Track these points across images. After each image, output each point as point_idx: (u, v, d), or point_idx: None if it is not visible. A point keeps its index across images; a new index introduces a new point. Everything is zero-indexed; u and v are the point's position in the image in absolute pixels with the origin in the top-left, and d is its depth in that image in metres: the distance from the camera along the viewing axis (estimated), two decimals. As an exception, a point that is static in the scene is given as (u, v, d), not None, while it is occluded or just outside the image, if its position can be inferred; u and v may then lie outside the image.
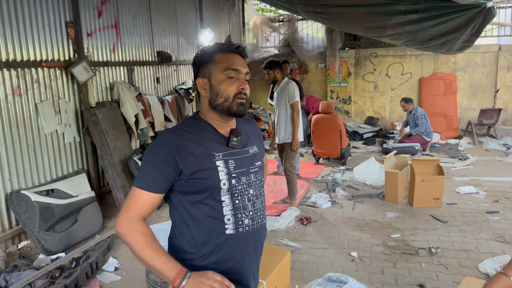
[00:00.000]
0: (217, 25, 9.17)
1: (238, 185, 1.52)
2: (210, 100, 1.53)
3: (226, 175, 1.49)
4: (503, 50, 8.91)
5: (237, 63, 1.52)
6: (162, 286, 2.87)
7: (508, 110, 9.08)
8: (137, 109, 5.69)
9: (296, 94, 4.87)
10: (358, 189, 5.82)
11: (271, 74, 5.05)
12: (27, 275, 3.51)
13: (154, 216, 5.07)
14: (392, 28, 4.50)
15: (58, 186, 4.57)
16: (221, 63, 1.51)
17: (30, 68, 4.37)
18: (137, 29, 6.30)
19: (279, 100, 4.99)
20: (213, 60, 1.53)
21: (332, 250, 4.03)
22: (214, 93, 1.52)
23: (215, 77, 1.51)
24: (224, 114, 1.54)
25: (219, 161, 1.49)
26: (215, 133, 1.55)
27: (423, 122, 7.75)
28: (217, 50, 1.54)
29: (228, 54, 1.54)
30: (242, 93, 1.52)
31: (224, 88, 1.50)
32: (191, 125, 1.55)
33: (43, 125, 4.52)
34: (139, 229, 1.42)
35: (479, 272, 3.51)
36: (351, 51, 9.84)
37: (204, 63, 1.55)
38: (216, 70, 1.52)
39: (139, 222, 1.43)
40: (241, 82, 1.52)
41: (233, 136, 1.55)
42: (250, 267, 1.59)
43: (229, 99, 1.51)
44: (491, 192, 5.52)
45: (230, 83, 1.50)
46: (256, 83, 10.75)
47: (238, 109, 1.53)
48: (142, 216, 1.45)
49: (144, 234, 1.41)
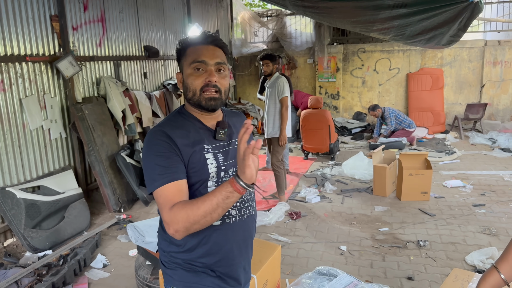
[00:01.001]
0: (205, 19, 9.10)
1: (225, 177, 1.50)
2: (184, 94, 1.54)
3: (215, 167, 1.47)
4: (489, 45, 9.02)
5: (204, 54, 1.48)
6: (151, 282, 2.84)
7: (493, 105, 9.20)
8: (124, 105, 5.63)
9: (286, 89, 4.86)
10: (347, 184, 5.85)
11: (270, 67, 5.00)
12: (14, 273, 3.46)
13: (143, 212, 5.03)
14: (380, 23, 4.50)
15: (44, 183, 4.49)
16: (189, 56, 1.50)
17: (14, 62, 4.28)
18: (123, 23, 6.22)
19: (269, 95, 4.98)
20: (185, 54, 1.52)
21: (321, 244, 4.04)
22: (185, 87, 1.52)
23: (185, 71, 1.51)
24: (198, 108, 1.52)
25: (209, 153, 1.47)
26: (201, 126, 1.53)
27: (391, 120, 7.95)
28: (188, 44, 1.52)
29: (198, 47, 1.50)
30: (210, 85, 1.46)
31: (190, 81, 1.48)
32: (177, 119, 1.53)
33: (28, 121, 4.44)
34: (178, 207, 1.32)
35: (466, 264, 3.55)
36: (339, 47, 9.86)
37: (179, 58, 1.55)
38: (185, 64, 1.51)
39: (175, 205, 1.33)
40: (208, 74, 1.47)
41: (219, 128, 1.52)
42: (239, 259, 1.57)
43: (196, 93, 1.48)
44: (477, 185, 5.60)
45: (196, 76, 1.47)
46: (244, 78, 10.72)
47: (207, 104, 1.48)
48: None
49: (184, 204, 1.32)
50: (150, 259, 2.95)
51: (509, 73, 8.96)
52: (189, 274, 1.51)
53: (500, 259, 1.35)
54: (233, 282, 1.57)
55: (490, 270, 1.35)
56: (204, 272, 1.51)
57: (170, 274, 1.55)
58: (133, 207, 5.21)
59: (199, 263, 1.50)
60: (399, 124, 8.01)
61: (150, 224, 3.13)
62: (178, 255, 1.52)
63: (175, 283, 1.54)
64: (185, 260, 1.51)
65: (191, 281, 1.51)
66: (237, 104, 10.00)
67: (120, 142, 5.63)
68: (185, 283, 1.52)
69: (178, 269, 1.52)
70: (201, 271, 1.51)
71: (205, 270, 1.51)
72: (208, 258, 1.50)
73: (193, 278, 1.51)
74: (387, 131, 8.04)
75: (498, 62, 8.97)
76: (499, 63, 8.97)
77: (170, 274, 1.55)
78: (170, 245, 1.54)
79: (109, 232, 4.49)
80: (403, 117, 8.02)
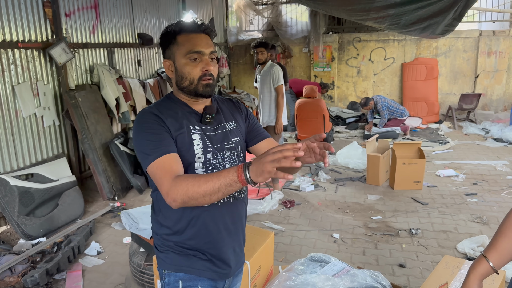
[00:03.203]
0: (199, 7, 9.02)
1: (213, 159, 1.51)
2: (177, 82, 1.54)
3: (201, 149, 1.48)
4: (483, 35, 9.02)
5: (200, 44, 1.49)
6: (145, 268, 2.86)
7: (487, 95, 9.24)
8: (118, 92, 5.59)
9: (280, 77, 4.86)
10: (341, 173, 5.88)
11: (265, 55, 4.96)
12: (7, 260, 3.46)
13: (137, 200, 5.04)
14: (375, 11, 4.48)
15: (37, 170, 4.48)
16: (183, 45, 1.49)
17: (6, 49, 4.24)
18: (117, 10, 6.15)
19: (262, 83, 4.97)
20: (176, 42, 1.50)
21: (315, 232, 4.07)
22: (179, 76, 1.52)
23: (179, 60, 1.50)
24: (191, 95, 1.53)
25: (195, 134, 1.49)
26: (189, 110, 1.55)
27: (384, 113, 7.96)
28: (178, 31, 1.50)
29: (190, 35, 1.50)
30: (207, 74, 1.49)
31: (187, 71, 1.49)
32: (165, 103, 1.55)
33: (21, 108, 4.41)
34: (180, 179, 1.31)
35: (457, 252, 3.60)
36: (334, 36, 9.83)
37: (167, 45, 1.53)
38: (179, 53, 1.50)
39: (179, 176, 1.33)
40: (204, 64, 1.49)
41: (206, 113, 1.54)
42: (228, 240, 1.58)
43: (194, 82, 1.50)
44: (470, 175, 5.65)
45: (193, 66, 1.49)
46: (239, 67, 10.67)
47: (204, 91, 1.51)
48: (177, 175, 1.36)
49: (187, 177, 1.31)
50: (144, 246, 2.97)
51: (503, 64, 8.99)
52: (180, 257, 1.54)
53: (489, 247, 1.37)
54: (223, 265, 1.58)
55: (479, 259, 1.36)
56: (195, 255, 1.53)
57: (162, 257, 1.57)
58: (127, 195, 5.21)
59: (189, 246, 1.52)
60: (391, 114, 8.03)
61: (144, 211, 3.14)
62: (169, 237, 1.54)
63: (167, 266, 1.56)
64: (176, 243, 1.53)
65: (183, 264, 1.54)
66: (232, 93, 9.97)
67: (114, 130, 5.60)
68: (176, 266, 1.54)
69: (170, 253, 1.55)
70: (192, 254, 1.53)
71: (195, 253, 1.53)
72: (197, 240, 1.52)
73: (185, 262, 1.53)
74: (382, 124, 8.02)
75: (492, 52, 8.99)
76: (493, 53, 8.99)
77: (163, 258, 1.57)
78: (161, 227, 1.56)
79: (103, 219, 4.50)
80: (395, 107, 8.03)
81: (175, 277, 1.54)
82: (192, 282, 1.54)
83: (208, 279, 1.56)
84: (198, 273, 1.54)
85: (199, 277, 1.54)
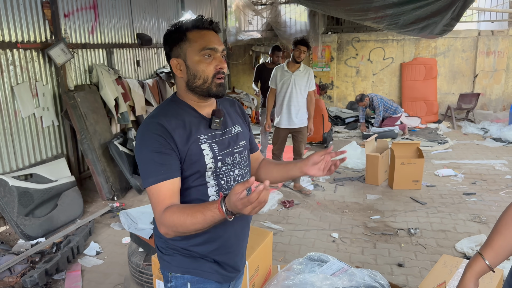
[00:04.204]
0: (198, 7, 9.03)
1: (223, 167, 1.48)
2: (188, 81, 1.46)
3: (212, 158, 1.44)
4: (482, 35, 9.03)
5: (213, 41, 1.43)
6: (144, 268, 2.86)
7: (486, 95, 9.25)
8: (117, 93, 5.59)
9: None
10: (340, 173, 5.89)
11: (304, 55, 4.90)
12: (7, 260, 3.46)
13: (136, 201, 5.04)
14: (374, 11, 4.50)
15: (37, 171, 4.48)
16: (196, 42, 1.42)
17: (5, 49, 4.24)
18: (116, 10, 6.15)
19: (295, 84, 4.84)
20: (186, 39, 1.43)
21: (313, 232, 4.08)
22: (191, 75, 1.44)
23: (191, 57, 1.42)
24: (203, 96, 1.47)
25: (204, 144, 1.44)
26: (196, 115, 1.48)
27: (380, 110, 7.99)
28: (190, 27, 1.43)
29: (202, 32, 1.44)
30: (220, 72, 1.44)
31: (202, 69, 1.42)
32: (171, 108, 1.48)
33: (20, 108, 4.41)
34: (169, 213, 1.33)
35: (456, 251, 3.61)
36: (333, 36, 9.84)
37: (176, 42, 1.45)
38: (191, 50, 1.42)
39: (167, 210, 1.34)
40: (218, 61, 1.43)
41: (215, 117, 1.49)
42: (236, 247, 1.57)
43: (208, 80, 1.43)
44: (468, 174, 5.65)
45: (207, 64, 1.42)
46: (239, 67, 10.68)
47: (217, 90, 1.46)
48: (168, 207, 1.37)
49: (174, 212, 1.32)
50: (143, 246, 2.97)
51: (502, 63, 9.00)
52: (187, 259, 1.50)
53: (485, 245, 1.37)
54: (231, 269, 1.57)
55: (475, 257, 1.37)
56: (203, 258, 1.50)
57: (167, 260, 1.53)
58: (127, 195, 5.22)
59: (197, 250, 1.49)
60: (386, 111, 8.05)
61: (142, 211, 3.14)
62: (175, 242, 1.50)
63: (173, 268, 1.52)
64: (183, 247, 1.49)
65: (190, 266, 1.50)
66: (231, 93, 9.98)
67: (113, 131, 5.60)
68: (183, 268, 1.51)
69: (176, 255, 1.51)
70: (199, 257, 1.50)
71: (203, 256, 1.51)
72: (206, 246, 1.49)
73: (192, 264, 1.50)
74: (377, 122, 8.04)
75: (491, 52, 9.00)
76: (492, 53, 9.00)
77: (168, 260, 1.53)
78: None
79: (102, 220, 4.50)
80: (389, 104, 8.06)
81: (183, 280, 1.51)
82: (201, 284, 1.51)
83: (215, 282, 1.53)
84: (206, 276, 1.51)
85: (207, 279, 1.52)
